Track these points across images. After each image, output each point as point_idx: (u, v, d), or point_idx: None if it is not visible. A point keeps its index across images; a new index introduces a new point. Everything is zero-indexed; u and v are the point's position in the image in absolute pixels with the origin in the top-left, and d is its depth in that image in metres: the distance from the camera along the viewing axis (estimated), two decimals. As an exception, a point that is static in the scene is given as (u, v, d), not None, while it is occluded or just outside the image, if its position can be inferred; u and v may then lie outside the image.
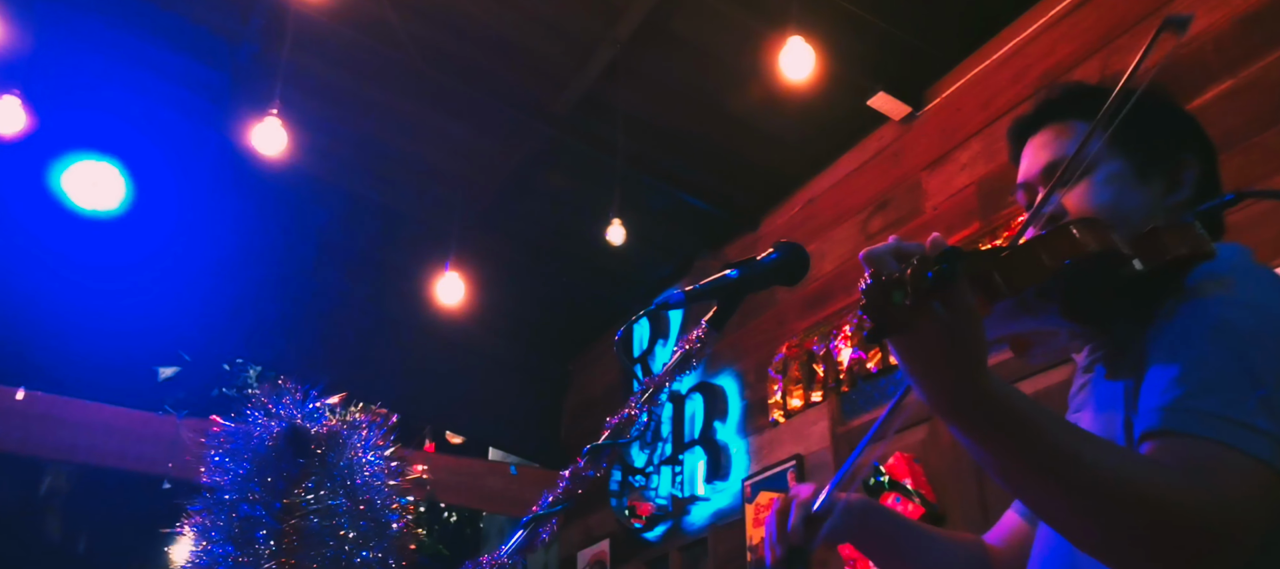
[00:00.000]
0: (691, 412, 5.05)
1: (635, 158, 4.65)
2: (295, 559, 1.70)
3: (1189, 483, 0.91)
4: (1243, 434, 0.93)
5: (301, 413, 1.85)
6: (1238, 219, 2.87)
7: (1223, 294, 1.05)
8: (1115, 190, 1.21)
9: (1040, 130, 1.31)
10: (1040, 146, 1.29)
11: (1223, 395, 0.96)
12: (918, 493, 3.56)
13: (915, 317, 0.88)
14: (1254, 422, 0.94)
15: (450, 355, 5.85)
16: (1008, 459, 0.95)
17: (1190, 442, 0.95)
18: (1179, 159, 1.25)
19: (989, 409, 0.93)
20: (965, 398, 0.93)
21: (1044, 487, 0.96)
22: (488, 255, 5.27)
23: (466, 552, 7.57)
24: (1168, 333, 1.05)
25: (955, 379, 0.93)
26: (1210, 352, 1.00)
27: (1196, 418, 0.96)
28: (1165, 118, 1.28)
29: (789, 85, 3.79)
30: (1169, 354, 1.02)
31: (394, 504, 1.84)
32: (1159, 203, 1.22)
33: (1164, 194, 1.23)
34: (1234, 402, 0.95)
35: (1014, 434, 0.94)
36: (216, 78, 4.54)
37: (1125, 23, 3.37)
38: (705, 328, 1.18)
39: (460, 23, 4.18)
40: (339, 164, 5.02)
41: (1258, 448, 0.93)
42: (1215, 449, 0.93)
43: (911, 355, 0.95)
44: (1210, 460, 0.93)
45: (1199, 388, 0.97)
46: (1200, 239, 1.09)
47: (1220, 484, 0.91)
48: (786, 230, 4.78)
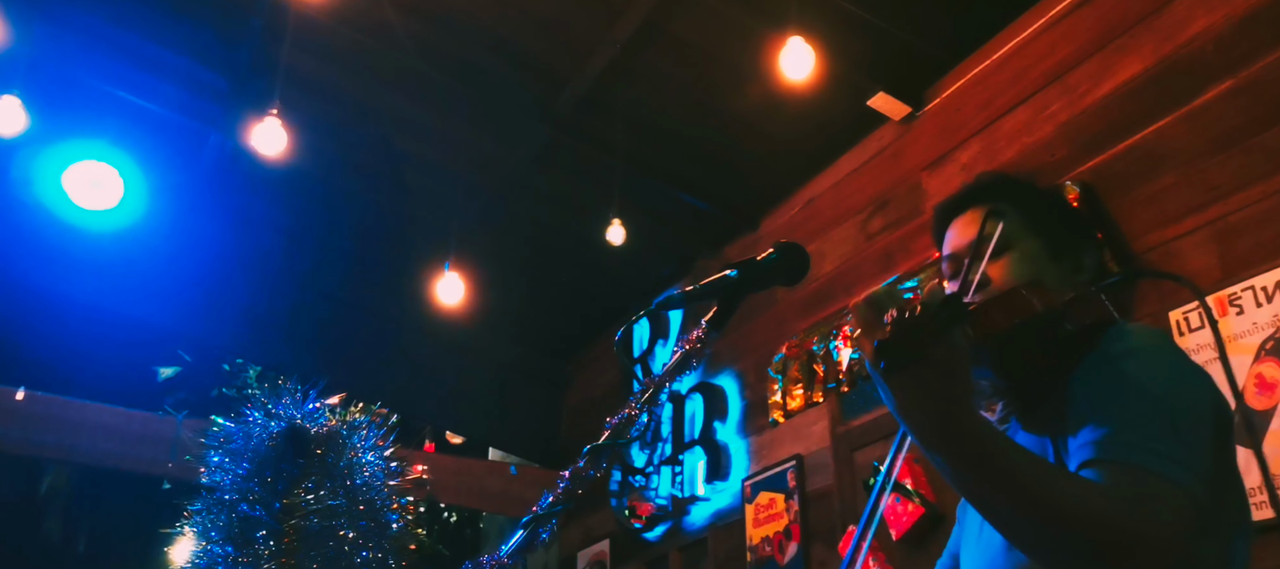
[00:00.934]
0: (691, 412, 5.05)
1: (635, 158, 4.65)
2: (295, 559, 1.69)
3: (1126, 504, 1.06)
4: (1171, 466, 1.09)
5: (301, 413, 1.85)
6: (1238, 221, 2.88)
7: (1133, 352, 1.24)
8: (1032, 266, 1.40)
9: (966, 212, 1.49)
10: (968, 224, 1.47)
11: (1148, 431, 1.13)
12: (917, 493, 3.57)
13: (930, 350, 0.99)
14: (1178, 455, 1.11)
15: (450, 355, 5.85)
16: (983, 484, 1.07)
17: (1127, 468, 1.10)
18: (1081, 246, 1.48)
19: (974, 439, 1.05)
20: (956, 429, 1.04)
21: (1011, 507, 1.07)
22: (488, 255, 5.27)
23: (466, 552, 7.58)
24: (1091, 384, 1.22)
25: (950, 411, 1.04)
26: (1131, 401, 1.18)
27: (1130, 449, 1.11)
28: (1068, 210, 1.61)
29: (789, 85, 3.79)
30: (1095, 400, 1.19)
31: (394, 504, 1.84)
32: (1068, 280, 1.42)
33: (1070, 273, 1.44)
34: (1159, 436, 1.12)
35: (991, 461, 1.05)
36: (216, 78, 4.54)
37: (1125, 22, 3.37)
38: (705, 328, 1.18)
39: (460, 23, 4.18)
40: (339, 164, 5.02)
41: (1182, 478, 1.09)
42: (1148, 476, 1.09)
43: (915, 386, 1.04)
44: (1147, 486, 1.08)
45: (1127, 426, 1.14)
46: (1107, 308, 1.31)
47: (1157, 507, 1.06)
48: (786, 230, 4.78)
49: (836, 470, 4.07)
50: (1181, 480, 1.09)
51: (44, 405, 4.98)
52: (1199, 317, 2.87)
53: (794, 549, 4.20)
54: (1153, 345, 1.27)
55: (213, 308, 5.32)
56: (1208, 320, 1.41)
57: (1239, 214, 2.88)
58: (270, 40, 4.16)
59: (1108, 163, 3.29)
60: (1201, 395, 1.23)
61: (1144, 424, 1.13)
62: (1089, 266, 1.47)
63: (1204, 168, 3.00)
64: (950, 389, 1.03)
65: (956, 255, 1.47)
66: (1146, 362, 1.23)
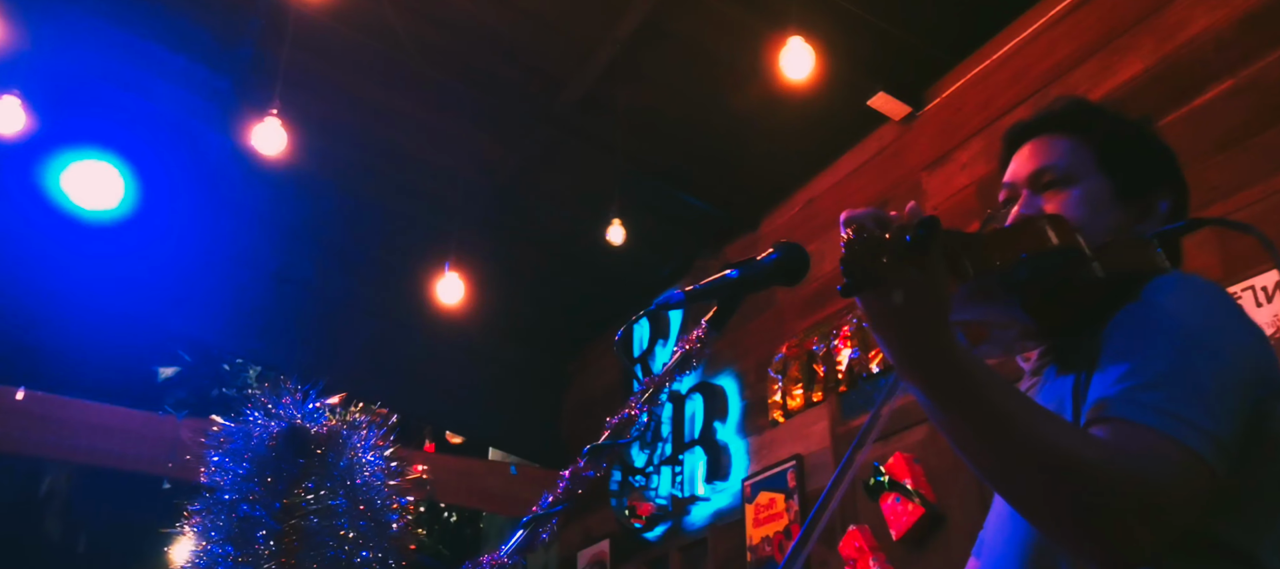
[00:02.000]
0: (691, 412, 5.05)
1: (635, 158, 4.65)
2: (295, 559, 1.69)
3: (1124, 461, 0.98)
4: (1181, 427, 1.00)
5: (301, 413, 1.85)
6: (1239, 220, 2.88)
7: (1172, 305, 1.13)
8: (1092, 206, 1.30)
9: (1035, 138, 1.38)
10: (1032, 152, 1.37)
11: (1167, 391, 1.03)
12: (917, 493, 3.57)
13: (891, 275, 0.96)
14: (1193, 417, 1.01)
15: (450, 355, 5.85)
16: (958, 418, 1.02)
17: (1131, 427, 1.02)
18: (1155, 189, 1.34)
19: (946, 367, 1.00)
20: (925, 354, 1.00)
21: (990, 448, 1.02)
22: (488, 255, 5.27)
23: (466, 552, 7.57)
24: (1119, 333, 1.12)
25: (918, 336, 1.00)
26: (1158, 352, 1.07)
27: (1140, 408, 1.02)
28: (1150, 149, 1.38)
29: (789, 85, 3.79)
30: (1120, 352, 1.09)
31: (394, 504, 1.84)
32: (1129, 226, 1.31)
33: (1136, 219, 1.32)
34: (1177, 398, 1.03)
35: (966, 392, 1.00)
36: (217, 78, 4.54)
37: (1125, 23, 3.37)
38: (705, 328, 1.18)
39: (460, 23, 4.18)
40: (339, 164, 5.02)
41: (1194, 441, 1.00)
42: (1153, 437, 1.00)
43: (881, 311, 1.01)
44: (1148, 445, 1.00)
45: (1145, 383, 1.04)
46: (1156, 257, 1.19)
47: (1153, 468, 0.98)
48: (786, 230, 4.78)
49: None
50: (1193, 444, 1.00)
51: (44, 405, 4.98)
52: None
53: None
54: (1197, 296, 1.15)
55: (212, 308, 5.32)
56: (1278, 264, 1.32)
57: (1239, 214, 2.88)
58: (270, 40, 4.16)
59: (1108, 163, 3.28)
60: (1245, 355, 1.11)
61: (1164, 382, 1.04)
62: (1162, 215, 1.33)
63: (1204, 168, 3.00)
64: (916, 315, 0.99)
65: (1013, 185, 1.37)
66: (1185, 313, 1.12)
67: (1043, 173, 1.34)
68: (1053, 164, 1.33)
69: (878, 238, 0.96)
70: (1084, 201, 1.29)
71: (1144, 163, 1.36)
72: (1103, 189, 1.31)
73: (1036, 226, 1.14)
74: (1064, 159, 1.33)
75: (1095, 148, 1.33)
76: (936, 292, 0.99)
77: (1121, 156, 1.32)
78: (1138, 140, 1.36)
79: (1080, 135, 1.35)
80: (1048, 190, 1.32)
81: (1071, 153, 1.33)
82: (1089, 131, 1.34)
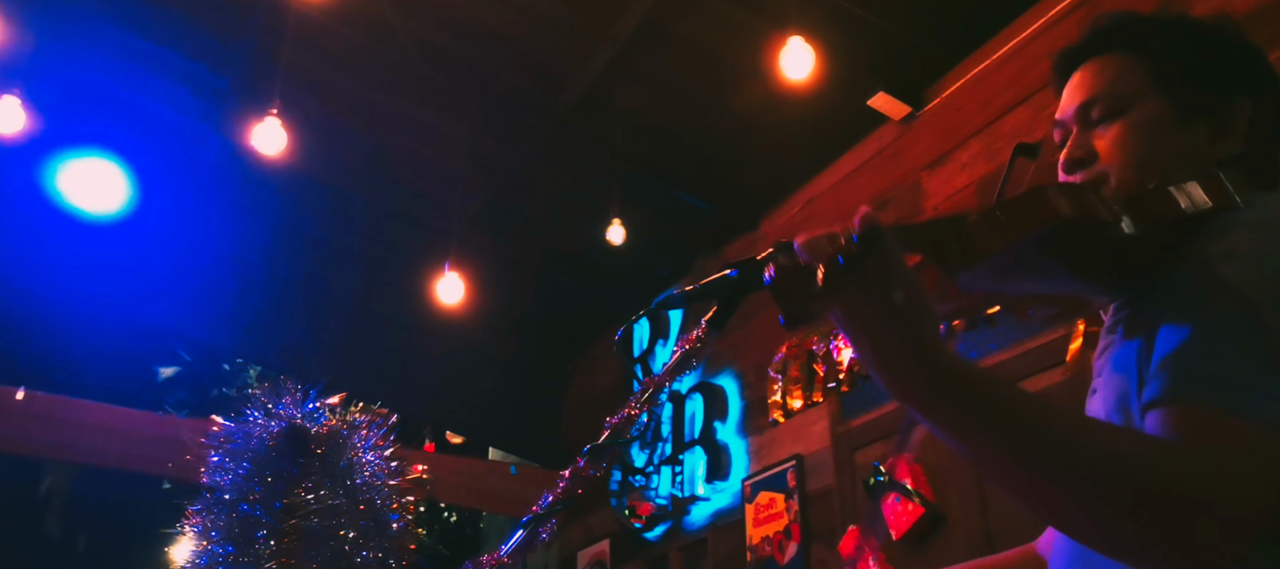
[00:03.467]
0: (691, 412, 5.05)
1: (635, 158, 4.65)
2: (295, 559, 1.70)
3: (1184, 454, 0.84)
4: (1249, 399, 0.84)
5: (301, 413, 1.85)
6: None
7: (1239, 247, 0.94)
8: (1148, 135, 1.12)
9: (1084, 63, 1.21)
10: (1079, 83, 1.20)
11: (1231, 357, 0.87)
12: (918, 493, 3.57)
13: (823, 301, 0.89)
14: (1265, 385, 0.85)
15: (450, 355, 5.85)
16: (962, 431, 0.90)
17: (1192, 409, 0.86)
18: (1230, 102, 1.13)
19: (933, 377, 0.89)
20: (906, 368, 0.89)
21: (999, 457, 0.89)
22: (488, 255, 5.27)
23: (466, 552, 7.58)
24: (1180, 292, 0.96)
25: (890, 349, 0.90)
26: (1220, 310, 0.91)
27: (1200, 382, 0.87)
28: (1220, 55, 1.17)
29: (789, 85, 3.79)
30: (1179, 316, 0.93)
31: (394, 504, 1.84)
32: (1203, 149, 1.11)
33: (1209, 140, 1.12)
34: (1243, 364, 0.86)
35: (959, 401, 0.88)
36: (216, 77, 4.54)
37: (1125, 23, 3.36)
38: (705, 328, 1.18)
39: (460, 22, 4.18)
40: (339, 164, 5.02)
41: (1269, 413, 0.84)
42: (1218, 415, 0.84)
43: (848, 329, 0.93)
44: (1213, 427, 0.84)
45: (1207, 351, 0.89)
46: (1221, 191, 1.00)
47: (1220, 456, 0.82)
48: (786, 230, 4.78)
49: (836, 470, 4.07)
50: (1268, 416, 0.83)
51: (44, 405, 4.98)
52: None
53: (794, 549, 4.20)
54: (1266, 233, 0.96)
55: (213, 308, 5.32)
56: None
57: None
58: (270, 40, 4.16)
59: (1108, 163, 3.28)
60: None
61: (1227, 348, 0.88)
62: (1241, 127, 1.12)
63: (1204, 168, 2.99)
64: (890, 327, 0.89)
65: (1063, 123, 1.20)
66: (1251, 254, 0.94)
67: (1091, 104, 1.16)
68: (1102, 93, 1.16)
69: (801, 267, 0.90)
70: (1137, 131, 1.12)
71: (1211, 72, 1.15)
72: (1161, 112, 1.13)
73: (1042, 197, 0.98)
74: (1114, 84, 1.15)
75: (1150, 64, 1.15)
76: (896, 300, 0.88)
77: (1181, 70, 1.13)
78: (1203, 46, 1.15)
79: (1134, 52, 1.16)
80: (1098, 125, 1.15)
81: (1123, 76, 1.15)
82: (1143, 46, 1.16)
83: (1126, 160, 1.12)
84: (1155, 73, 1.14)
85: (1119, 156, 1.12)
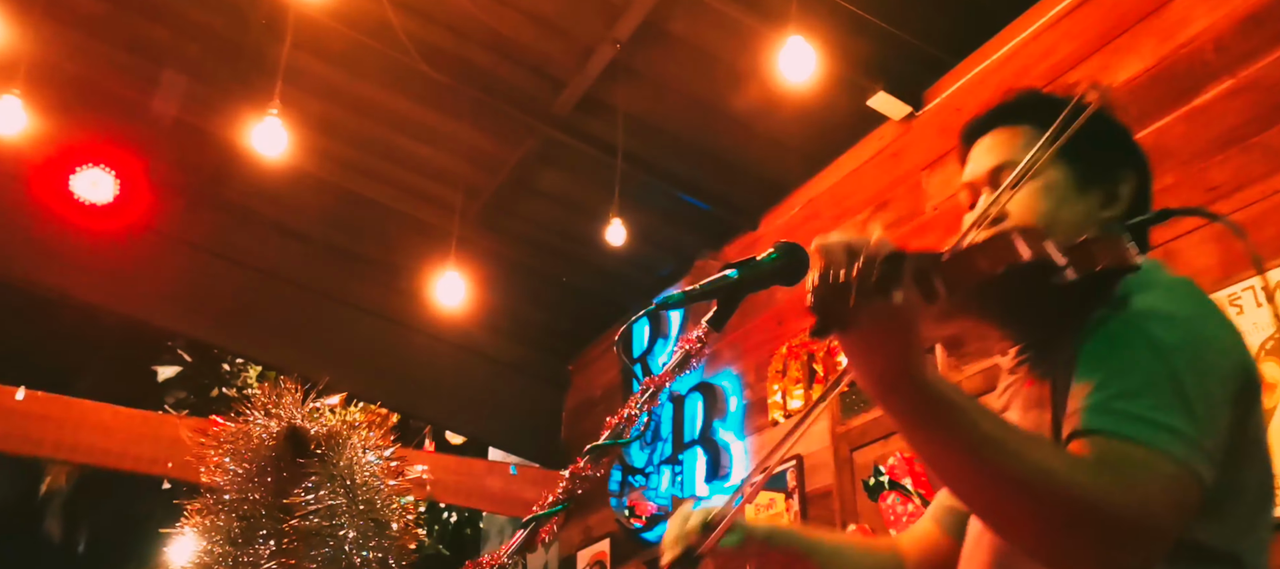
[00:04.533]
0: (691, 412, 5.05)
1: (635, 158, 4.65)
2: (295, 559, 1.70)
3: (1109, 478, 0.96)
4: (1164, 437, 0.99)
5: (301, 413, 1.85)
6: (1238, 221, 2.87)
7: (1148, 306, 1.10)
8: (1056, 199, 1.27)
9: (990, 132, 1.37)
10: (988, 148, 1.35)
11: (1147, 400, 1.01)
12: (918, 492, 3.57)
13: (858, 316, 0.97)
14: (1174, 424, 0.99)
15: (450, 355, 5.85)
16: (937, 444, 1.01)
17: (1115, 442, 0.99)
18: (1118, 174, 1.32)
19: (923, 395, 0.98)
20: (901, 384, 0.99)
21: (970, 472, 1.01)
22: (488, 255, 5.27)
23: (466, 552, 7.58)
24: (1097, 339, 1.10)
25: (892, 367, 0.99)
26: (1137, 359, 1.05)
27: (1121, 418, 1.01)
28: (1109, 133, 1.34)
29: (789, 85, 3.79)
30: (1098, 360, 1.07)
31: (394, 504, 1.84)
32: (1095, 214, 1.28)
33: (1100, 207, 1.29)
34: (1158, 406, 1.01)
35: (944, 420, 0.99)
36: (216, 76, 4.54)
37: (1126, 22, 3.37)
38: (705, 328, 1.18)
39: (460, 22, 4.18)
40: (339, 164, 5.02)
41: (1179, 451, 0.98)
42: (1137, 450, 0.98)
43: (854, 345, 1.01)
44: (1132, 459, 0.98)
45: (1125, 392, 1.03)
46: (1128, 251, 1.14)
47: (1140, 482, 0.96)
48: (786, 230, 4.78)
49: (836, 470, 4.07)
50: (1180, 455, 0.98)
51: (44, 405, 4.98)
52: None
53: (794, 549, 4.20)
54: (1172, 294, 1.13)
55: (213, 308, 5.32)
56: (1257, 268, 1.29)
57: (1239, 214, 2.88)
58: (270, 40, 4.16)
59: (1108, 163, 3.29)
60: (1224, 355, 1.10)
61: (1145, 390, 1.02)
62: (1125, 196, 1.30)
63: (1204, 167, 3.00)
64: (889, 348, 0.98)
65: (974, 184, 1.35)
66: (1161, 313, 1.09)
67: (1001, 169, 1.31)
68: (1011, 159, 1.29)
69: (844, 280, 0.96)
70: (1045, 195, 1.26)
71: (1104, 147, 1.31)
72: (1064, 179, 1.28)
73: (1006, 241, 1.10)
74: (1024, 151, 1.26)
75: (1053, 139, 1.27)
76: (907, 323, 0.98)
77: (1079, 144, 1.24)
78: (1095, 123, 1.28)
79: (1036, 125, 1.29)
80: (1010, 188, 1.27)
81: (1028, 145, 1.27)
82: (1044, 120, 1.27)
83: (1036, 220, 1.25)
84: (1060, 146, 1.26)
85: (1029, 216, 1.26)
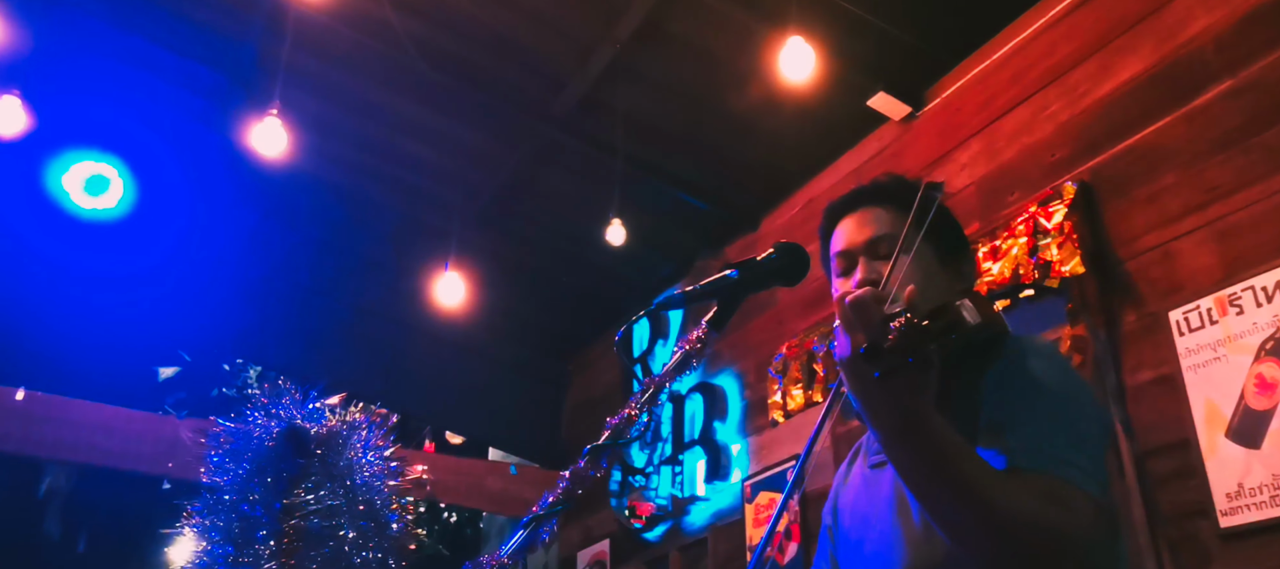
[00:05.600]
0: (691, 412, 5.05)
1: (635, 158, 4.65)
2: (295, 559, 1.70)
3: (1058, 512, 1.12)
4: (1078, 474, 1.17)
5: (301, 413, 1.85)
6: (1238, 221, 2.88)
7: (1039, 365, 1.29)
8: (924, 273, 1.39)
9: (857, 211, 1.50)
10: (863, 222, 1.48)
11: (1059, 441, 1.19)
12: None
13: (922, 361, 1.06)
14: (1089, 466, 1.18)
15: (450, 355, 5.86)
16: (934, 483, 1.13)
17: (1047, 478, 1.15)
18: (964, 253, 1.51)
19: (932, 443, 1.10)
20: (918, 432, 1.10)
21: (954, 506, 1.13)
22: (488, 255, 5.27)
23: (466, 552, 7.58)
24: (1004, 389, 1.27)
25: (915, 414, 1.09)
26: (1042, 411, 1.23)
27: (1047, 459, 1.17)
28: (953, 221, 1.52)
29: (789, 85, 3.79)
30: (1010, 410, 1.24)
31: (394, 504, 1.84)
32: (951, 287, 1.43)
33: (954, 281, 1.45)
34: (1069, 445, 1.19)
35: (945, 463, 1.11)
36: (217, 78, 4.54)
37: (1126, 22, 3.37)
38: (705, 328, 1.18)
39: (460, 23, 4.18)
40: (339, 164, 5.02)
41: (1090, 486, 1.17)
42: (1061, 485, 1.15)
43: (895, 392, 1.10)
44: (1063, 492, 1.15)
45: (1041, 436, 1.19)
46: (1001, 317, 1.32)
47: (1074, 512, 1.14)
48: (786, 230, 4.78)
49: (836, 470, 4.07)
50: (1091, 489, 1.17)
51: (44, 405, 4.98)
52: (1199, 316, 2.86)
53: (794, 549, 4.20)
54: (1054, 357, 1.35)
55: (212, 307, 5.32)
56: None
57: (1239, 214, 2.88)
58: (270, 40, 4.16)
59: (1107, 163, 3.29)
60: (1097, 407, 1.33)
61: (1055, 435, 1.20)
62: (968, 275, 1.50)
63: (1204, 168, 3.00)
64: (923, 393, 1.09)
65: (850, 252, 1.47)
66: (1051, 372, 1.29)
67: (878, 242, 1.43)
68: (888, 234, 1.43)
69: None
70: (917, 268, 1.37)
71: (955, 230, 1.50)
72: (928, 255, 1.42)
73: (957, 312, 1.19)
74: (894, 227, 1.42)
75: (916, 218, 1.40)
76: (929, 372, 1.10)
77: (939, 225, 1.41)
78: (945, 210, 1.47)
79: (901, 207, 1.42)
80: (883, 258, 1.41)
81: (895, 222, 1.42)
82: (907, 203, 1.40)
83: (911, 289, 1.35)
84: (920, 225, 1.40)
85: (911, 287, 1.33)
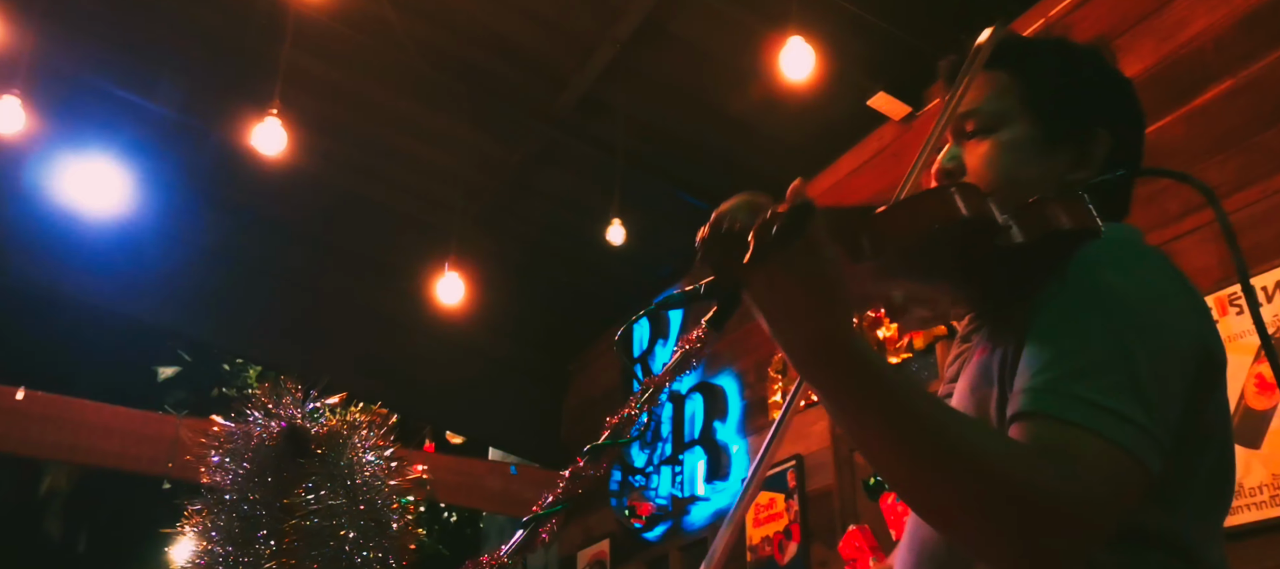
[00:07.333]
0: (691, 412, 5.05)
1: (635, 158, 4.65)
2: (295, 559, 1.69)
3: (1049, 465, 0.88)
4: (1109, 421, 0.91)
5: (301, 413, 1.85)
6: (1238, 221, 2.88)
7: (1106, 275, 1.01)
8: (1014, 156, 1.17)
9: None
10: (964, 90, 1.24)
11: (1096, 381, 0.93)
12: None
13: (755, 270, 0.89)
14: (1122, 409, 0.91)
15: (450, 355, 5.85)
16: (865, 420, 0.92)
17: (1057, 425, 0.91)
18: (1092, 132, 1.19)
19: (846, 364, 0.90)
20: (821, 350, 0.91)
21: (898, 453, 0.91)
22: (488, 255, 5.27)
23: (466, 552, 7.58)
24: (1047, 310, 1.00)
25: (812, 331, 0.91)
26: (1088, 335, 0.96)
27: (1067, 401, 0.92)
28: (1090, 86, 1.22)
29: (789, 85, 3.78)
30: (1047, 333, 0.98)
31: (394, 504, 1.84)
32: (1062, 174, 1.17)
33: (1069, 167, 1.18)
34: (1107, 388, 0.92)
35: (869, 393, 0.90)
36: (216, 77, 4.54)
37: (1126, 22, 3.37)
38: (705, 328, 1.18)
39: (460, 23, 4.18)
40: (339, 164, 5.02)
41: (1125, 438, 0.90)
42: (1080, 434, 0.90)
43: (764, 306, 0.93)
44: (1074, 446, 0.90)
45: (1073, 372, 0.94)
46: (1088, 214, 1.04)
47: (1081, 469, 0.88)
48: (786, 230, 4.77)
49: (836, 470, 4.07)
50: (1125, 442, 0.90)
51: (44, 405, 4.98)
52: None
53: (794, 549, 4.20)
54: (1135, 265, 1.04)
55: (213, 308, 5.32)
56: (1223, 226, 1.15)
57: (1239, 214, 2.88)
58: (270, 40, 4.16)
59: (1108, 163, 3.29)
60: (1184, 335, 1.01)
61: (1094, 370, 0.93)
62: (1099, 156, 1.18)
63: (1204, 168, 2.99)
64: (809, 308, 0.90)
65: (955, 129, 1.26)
66: (1119, 287, 1.00)
67: (966, 118, 1.22)
68: (977, 108, 1.21)
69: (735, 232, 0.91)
70: (1005, 151, 1.17)
71: (1078, 102, 1.20)
72: (1028, 135, 1.18)
73: (942, 196, 1.02)
74: (989, 102, 1.20)
75: (1025, 87, 1.20)
76: (826, 282, 0.90)
77: (1051, 96, 1.18)
78: (1074, 75, 1.21)
79: (1012, 71, 1.21)
80: (971, 138, 1.21)
81: (999, 94, 1.20)
82: (1020, 67, 1.21)
83: (992, 178, 1.17)
84: (1028, 97, 1.20)
85: (986, 174, 1.17)
